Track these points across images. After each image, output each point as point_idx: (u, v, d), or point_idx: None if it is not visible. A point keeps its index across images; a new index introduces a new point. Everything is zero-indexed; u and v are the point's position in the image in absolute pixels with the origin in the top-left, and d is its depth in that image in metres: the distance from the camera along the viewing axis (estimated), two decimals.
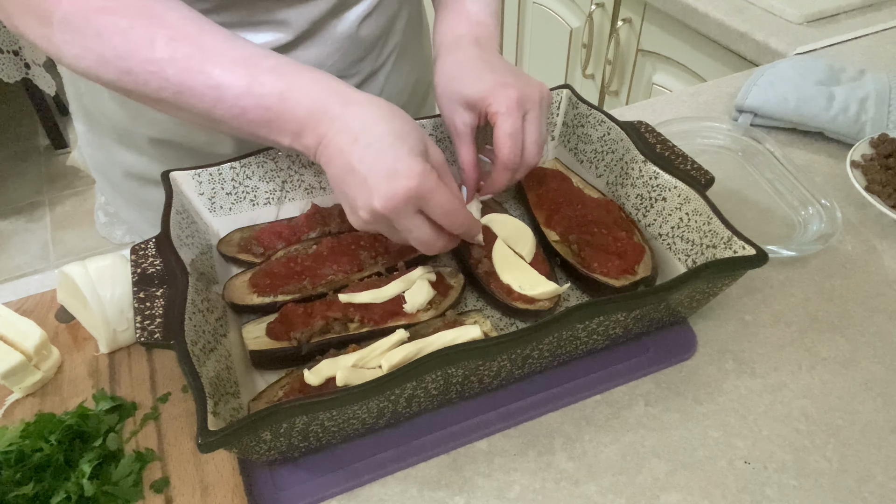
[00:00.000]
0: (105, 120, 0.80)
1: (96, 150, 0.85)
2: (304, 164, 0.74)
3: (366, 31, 0.77)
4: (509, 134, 0.62)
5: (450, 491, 0.56)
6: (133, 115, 0.77)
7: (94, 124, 0.83)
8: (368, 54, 0.80)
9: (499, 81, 0.63)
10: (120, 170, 0.84)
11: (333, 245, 0.69)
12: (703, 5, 1.29)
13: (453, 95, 0.67)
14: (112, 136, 0.82)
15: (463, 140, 0.68)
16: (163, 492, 0.54)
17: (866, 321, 0.69)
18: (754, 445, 0.59)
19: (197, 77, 0.55)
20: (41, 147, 2.87)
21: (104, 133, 0.82)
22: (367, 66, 0.81)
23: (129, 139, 0.80)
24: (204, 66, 0.55)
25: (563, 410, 0.61)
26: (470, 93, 0.65)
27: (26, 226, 2.53)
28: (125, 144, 0.81)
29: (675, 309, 0.63)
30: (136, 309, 0.55)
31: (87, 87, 0.79)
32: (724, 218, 0.62)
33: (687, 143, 0.89)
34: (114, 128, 0.80)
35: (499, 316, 0.67)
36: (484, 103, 0.64)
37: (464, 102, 0.66)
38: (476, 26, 0.71)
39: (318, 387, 0.56)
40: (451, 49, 0.70)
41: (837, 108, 0.90)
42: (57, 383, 0.62)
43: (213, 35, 0.56)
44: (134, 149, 0.81)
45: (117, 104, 0.77)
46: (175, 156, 0.80)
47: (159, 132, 0.78)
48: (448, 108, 0.68)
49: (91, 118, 0.82)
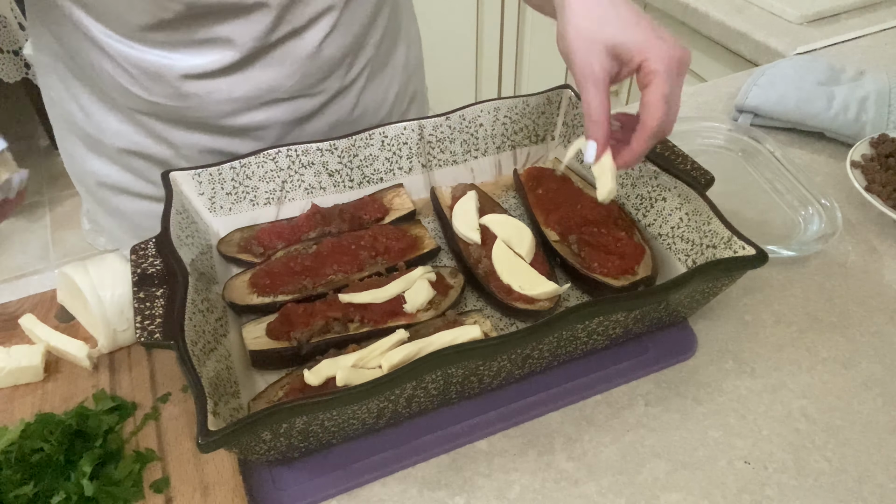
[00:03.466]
0: (76, 129, 0.80)
1: (71, 158, 0.85)
2: (304, 164, 0.74)
3: (329, 50, 0.75)
4: (666, 96, 0.55)
5: (450, 491, 0.56)
6: (98, 125, 0.77)
7: (67, 133, 0.82)
8: (334, 72, 0.78)
9: (658, 35, 0.56)
10: (93, 178, 0.84)
11: (333, 245, 0.69)
12: (703, 5, 1.29)
13: (599, 37, 0.57)
14: (84, 145, 0.81)
15: (599, 87, 0.58)
16: (163, 492, 0.54)
17: (866, 321, 0.69)
18: (754, 445, 0.59)
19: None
20: (41, 147, 2.87)
21: (76, 142, 0.82)
22: (334, 84, 0.79)
23: (99, 148, 0.80)
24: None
25: (563, 410, 0.61)
26: (625, 39, 0.56)
27: (26, 226, 2.53)
28: (96, 153, 0.81)
29: (676, 309, 0.63)
30: (136, 309, 0.55)
31: (57, 95, 0.79)
32: (723, 218, 0.62)
33: (687, 143, 0.89)
34: (85, 137, 0.80)
35: (499, 316, 0.67)
36: (641, 56, 0.56)
37: (612, 48, 0.57)
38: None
39: (318, 387, 0.56)
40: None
41: (837, 108, 0.90)
42: (57, 383, 0.62)
43: None
44: (105, 158, 0.81)
45: (84, 114, 0.77)
46: (143, 166, 0.80)
47: (125, 143, 0.78)
48: (586, 49, 0.58)
49: (64, 127, 0.82)
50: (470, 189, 0.75)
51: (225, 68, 0.70)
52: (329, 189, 0.77)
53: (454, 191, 0.76)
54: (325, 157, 0.75)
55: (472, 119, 0.79)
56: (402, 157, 0.78)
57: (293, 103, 0.77)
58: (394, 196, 0.77)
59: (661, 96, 0.55)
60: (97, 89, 0.74)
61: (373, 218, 0.74)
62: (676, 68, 0.56)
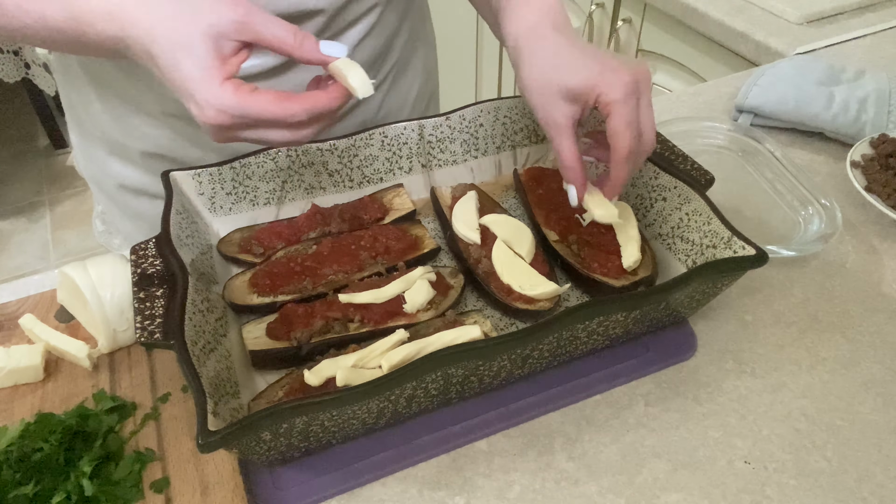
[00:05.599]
0: (98, 132, 0.80)
1: (90, 161, 0.85)
2: (304, 164, 0.74)
3: (363, 54, 0.76)
4: (628, 123, 0.57)
5: (450, 491, 0.56)
6: (125, 128, 0.77)
7: (87, 135, 0.82)
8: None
9: (606, 67, 0.58)
10: (113, 181, 0.84)
11: (333, 245, 0.69)
12: (703, 5, 1.29)
13: (551, 88, 0.60)
14: (105, 148, 0.81)
15: (565, 135, 0.61)
16: (163, 492, 0.54)
17: (866, 321, 0.69)
18: (754, 445, 0.59)
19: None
20: (41, 147, 2.87)
21: (97, 145, 0.82)
22: None
23: (121, 151, 0.80)
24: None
25: (563, 410, 0.61)
26: (575, 82, 0.58)
27: (26, 226, 2.53)
28: (118, 156, 0.81)
29: (676, 309, 0.63)
30: (136, 309, 0.55)
31: (79, 98, 0.79)
32: (723, 218, 0.62)
33: (687, 143, 0.89)
34: (106, 140, 0.80)
35: (499, 316, 0.67)
36: (594, 92, 0.57)
37: (566, 94, 0.59)
38: (548, 13, 0.64)
39: (318, 387, 0.56)
40: (532, 40, 0.63)
41: (837, 108, 0.90)
42: (57, 383, 0.62)
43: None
44: (127, 161, 0.81)
45: (109, 116, 0.77)
46: (168, 168, 0.80)
47: (151, 146, 0.78)
48: (544, 101, 0.61)
49: (84, 129, 0.82)
50: (470, 189, 0.75)
51: (264, 73, 0.70)
52: (329, 189, 0.77)
53: (454, 191, 0.76)
54: (324, 157, 0.75)
55: (472, 119, 0.79)
56: (402, 157, 0.78)
57: None
58: (394, 196, 0.77)
59: (623, 124, 0.57)
60: (124, 93, 0.74)
61: (373, 218, 0.74)
62: (633, 91, 0.57)
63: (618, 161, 0.59)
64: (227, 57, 0.52)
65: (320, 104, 0.53)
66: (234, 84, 0.51)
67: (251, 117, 0.51)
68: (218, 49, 0.51)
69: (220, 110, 0.51)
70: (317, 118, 0.54)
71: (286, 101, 0.52)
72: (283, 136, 0.54)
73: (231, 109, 0.51)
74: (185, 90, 0.51)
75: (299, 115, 0.52)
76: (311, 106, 0.53)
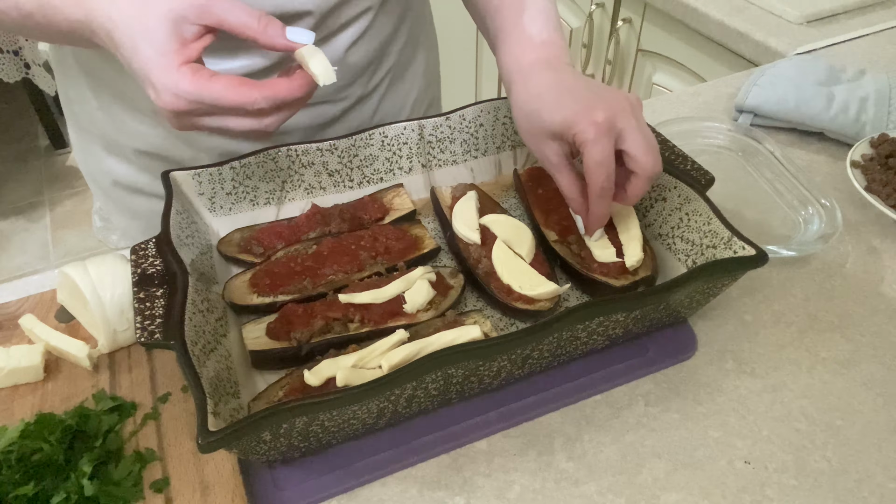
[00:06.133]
0: (94, 129, 0.80)
1: (87, 157, 0.85)
2: (304, 164, 0.74)
3: (355, 58, 0.76)
4: (598, 163, 0.58)
5: (450, 491, 0.56)
6: (119, 126, 0.77)
7: (83, 132, 0.82)
8: (358, 79, 0.79)
9: (582, 106, 0.59)
10: (109, 178, 0.84)
11: (333, 245, 0.69)
12: (703, 5, 1.29)
13: (535, 129, 0.63)
14: (100, 145, 0.81)
15: (560, 171, 0.63)
16: (163, 492, 0.54)
17: (866, 321, 0.69)
18: (754, 445, 0.59)
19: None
20: (41, 147, 2.87)
21: (93, 141, 0.82)
22: (356, 91, 0.80)
23: (116, 149, 0.80)
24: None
25: (563, 410, 0.61)
26: (553, 124, 0.60)
27: (26, 226, 2.53)
28: (113, 153, 0.81)
29: (675, 309, 0.63)
30: (136, 309, 0.55)
31: (76, 94, 0.79)
32: (724, 218, 0.62)
33: (687, 143, 0.89)
34: (102, 137, 0.80)
35: (499, 316, 0.67)
36: (571, 131, 0.59)
37: (549, 135, 0.62)
38: (542, 48, 0.66)
39: (318, 387, 0.56)
40: (522, 79, 0.65)
41: (837, 108, 0.90)
42: (57, 383, 0.62)
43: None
44: (122, 158, 0.81)
45: (104, 114, 0.77)
46: (161, 167, 0.80)
47: (144, 144, 0.78)
48: (534, 142, 0.64)
49: (81, 126, 0.82)
50: (470, 189, 0.75)
51: (253, 74, 0.70)
52: (329, 189, 0.77)
53: (454, 191, 0.76)
54: (325, 157, 0.75)
55: (472, 119, 0.79)
56: (402, 157, 0.78)
57: (315, 109, 0.77)
58: (394, 196, 0.77)
59: (593, 163, 0.58)
60: (119, 91, 0.74)
61: (373, 218, 0.74)
62: (607, 130, 0.58)
63: (592, 198, 0.61)
64: (188, 41, 0.51)
65: (281, 91, 0.52)
66: (192, 69, 0.50)
67: (207, 103, 0.50)
68: (178, 33, 0.50)
69: (177, 95, 0.50)
70: (278, 106, 0.53)
71: (244, 87, 0.51)
72: (244, 123, 0.53)
73: (187, 94, 0.50)
74: (144, 74, 0.51)
75: (259, 101, 0.51)
76: (272, 93, 0.52)
